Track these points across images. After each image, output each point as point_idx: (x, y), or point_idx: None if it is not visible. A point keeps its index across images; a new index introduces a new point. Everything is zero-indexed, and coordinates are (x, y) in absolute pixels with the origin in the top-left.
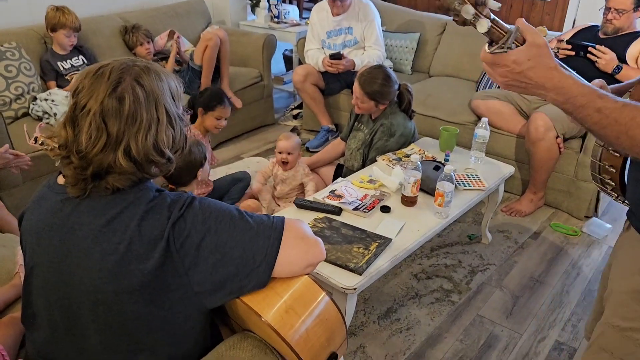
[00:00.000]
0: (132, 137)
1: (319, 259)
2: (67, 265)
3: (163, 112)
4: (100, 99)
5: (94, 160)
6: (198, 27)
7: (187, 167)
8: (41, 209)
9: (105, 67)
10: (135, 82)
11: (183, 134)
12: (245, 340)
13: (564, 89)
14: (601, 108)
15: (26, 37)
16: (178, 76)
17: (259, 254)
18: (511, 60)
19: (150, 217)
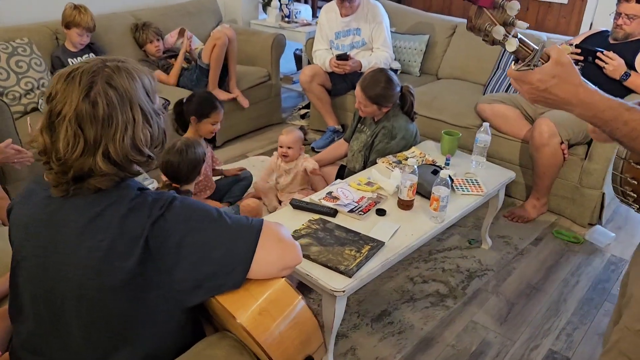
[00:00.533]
0: (109, 140)
1: (296, 262)
2: (53, 260)
3: (138, 111)
4: (74, 104)
5: (74, 165)
6: (208, 25)
7: (192, 166)
8: (29, 204)
9: (76, 71)
10: (107, 84)
11: (161, 129)
12: (223, 340)
13: (591, 104)
14: (628, 121)
15: (38, 33)
16: (186, 74)
17: (237, 255)
18: (536, 78)
19: (131, 215)
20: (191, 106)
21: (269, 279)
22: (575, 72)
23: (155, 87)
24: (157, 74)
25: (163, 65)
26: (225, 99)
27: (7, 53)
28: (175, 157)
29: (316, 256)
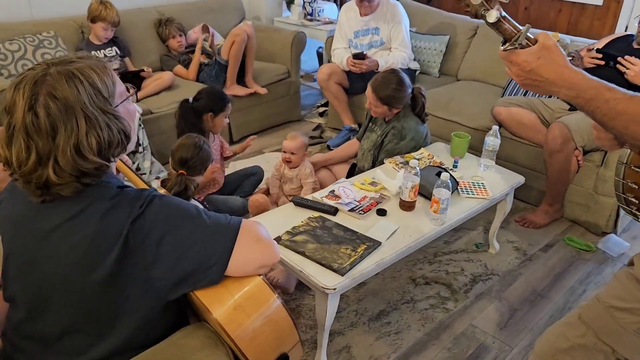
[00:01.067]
0: (58, 151)
1: (272, 261)
2: (39, 255)
3: (81, 118)
4: (20, 116)
5: (32, 177)
6: (231, 22)
7: (203, 160)
8: (15, 200)
9: (23, 80)
10: (48, 95)
11: (115, 128)
12: (200, 330)
13: (575, 83)
14: (609, 99)
15: (64, 27)
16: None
17: (215, 253)
18: (522, 59)
19: (111, 213)
20: (204, 103)
21: (246, 276)
22: (561, 54)
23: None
24: (177, 69)
25: (184, 60)
26: (244, 94)
27: (33, 45)
28: (190, 150)
29: (311, 253)
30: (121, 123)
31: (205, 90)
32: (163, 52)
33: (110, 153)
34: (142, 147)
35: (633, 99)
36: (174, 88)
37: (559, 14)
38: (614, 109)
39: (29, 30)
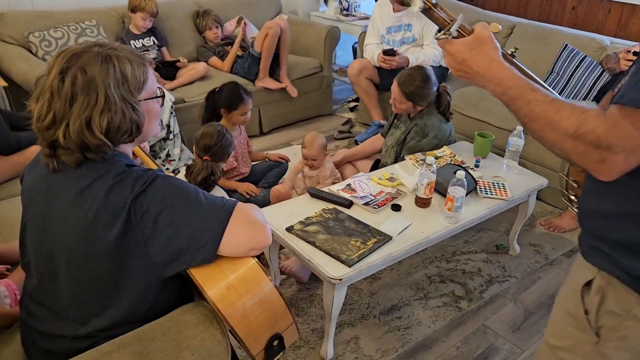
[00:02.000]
0: (71, 119)
1: (264, 244)
2: (49, 224)
3: (102, 97)
4: (51, 79)
5: (45, 135)
6: (268, 15)
7: (223, 147)
8: (34, 172)
9: (65, 51)
10: (79, 68)
11: (128, 119)
12: (197, 307)
13: (501, 79)
14: (531, 100)
15: (106, 16)
16: (239, 61)
17: (207, 232)
18: (454, 49)
19: (116, 189)
20: (220, 99)
21: (241, 258)
22: (494, 47)
23: (142, 78)
24: (212, 60)
25: (219, 52)
26: (275, 87)
27: (76, 33)
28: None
29: (321, 244)
30: (136, 115)
31: (227, 86)
32: (199, 43)
33: (117, 137)
34: (173, 134)
35: (552, 103)
36: (208, 79)
37: (607, 15)
38: (533, 111)
39: (73, 19)
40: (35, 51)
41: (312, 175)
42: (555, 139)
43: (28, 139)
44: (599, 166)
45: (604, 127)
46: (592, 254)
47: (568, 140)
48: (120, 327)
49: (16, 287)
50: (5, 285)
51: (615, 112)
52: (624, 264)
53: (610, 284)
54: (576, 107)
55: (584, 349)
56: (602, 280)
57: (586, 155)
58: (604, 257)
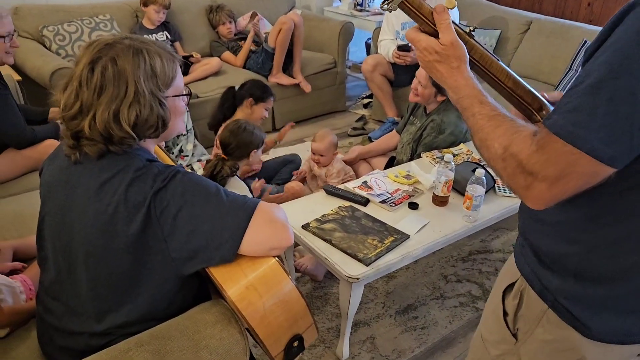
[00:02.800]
0: (98, 109)
1: (285, 244)
2: (68, 217)
3: (131, 89)
4: (80, 68)
5: (70, 125)
6: (281, 10)
7: (244, 145)
8: (53, 165)
9: (96, 41)
10: (109, 59)
11: (157, 113)
12: (215, 306)
13: (458, 88)
14: (476, 113)
15: (120, 11)
16: (253, 57)
17: (227, 230)
18: (422, 46)
19: (136, 184)
20: (247, 89)
21: (261, 257)
22: (457, 55)
23: (170, 73)
24: (225, 55)
25: (233, 47)
26: (288, 83)
27: (90, 27)
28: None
29: (338, 242)
30: (163, 110)
31: (252, 80)
32: (212, 38)
33: (143, 131)
34: (187, 129)
35: (492, 119)
36: (221, 74)
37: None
38: (477, 124)
39: (87, 13)
40: (49, 45)
41: (319, 173)
42: (489, 157)
43: (43, 133)
44: (525, 192)
45: (527, 151)
46: (519, 254)
47: (498, 160)
48: (137, 324)
49: (31, 283)
50: (21, 281)
51: (542, 135)
52: (538, 270)
53: (526, 288)
54: (513, 125)
55: (505, 348)
56: (521, 283)
57: (514, 178)
58: (525, 260)
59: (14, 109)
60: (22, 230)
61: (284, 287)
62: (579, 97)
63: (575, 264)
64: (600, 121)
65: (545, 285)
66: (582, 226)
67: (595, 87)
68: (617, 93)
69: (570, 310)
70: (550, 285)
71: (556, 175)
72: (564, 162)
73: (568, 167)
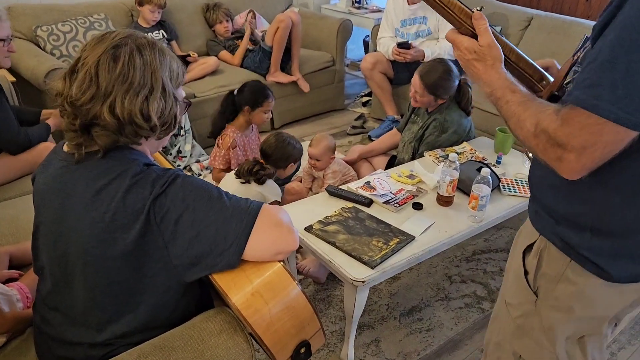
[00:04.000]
0: (119, 95)
1: (290, 248)
2: (64, 226)
3: (159, 83)
4: (98, 54)
5: (82, 110)
6: (278, 8)
7: (285, 158)
8: (46, 173)
9: (112, 32)
10: (135, 48)
11: (173, 112)
12: (220, 314)
13: (491, 81)
14: (509, 101)
15: (115, 9)
16: (250, 55)
17: (231, 235)
18: (464, 46)
19: (134, 190)
20: (244, 96)
21: (265, 262)
22: (495, 55)
23: (181, 77)
24: (222, 54)
25: (230, 45)
26: (286, 81)
27: (84, 27)
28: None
29: (342, 244)
30: (177, 109)
31: (249, 84)
32: (209, 37)
33: (160, 126)
34: (184, 130)
35: (523, 104)
36: (218, 73)
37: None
38: (509, 110)
39: (81, 12)
40: (44, 45)
41: (318, 176)
42: (524, 137)
43: (38, 136)
44: (558, 164)
45: (554, 125)
46: (535, 219)
47: (532, 138)
48: (138, 333)
49: (28, 291)
50: (17, 289)
51: (566, 110)
52: (557, 230)
53: (546, 247)
54: (540, 106)
55: (527, 308)
56: (540, 243)
57: (547, 152)
58: (543, 223)
59: (8, 114)
60: (18, 236)
61: (290, 293)
62: (596, 73)
63: (590, 222)
64: (620, 92)
65: (566, 241)
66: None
67: (611, 62)
68: (631, 65)
69: (592, 260)
70: (571, 241)
71: (582, 145)
72: (588, 132)
73: (593, 137)
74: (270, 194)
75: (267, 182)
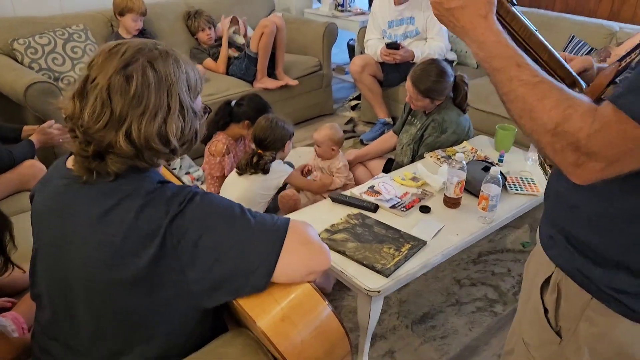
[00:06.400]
0: (135, 119)
1: (323, 267)
2: (66, 250)
3: (176, 100)
4: (109, 74)
5: (96, 137)
6: (261, 14)
7: (280, 138)
8: (46, 192)
9: (122, 44)
10: (148, 63)
11: (194, 128)
12: (238, 337)
13: (485, 44)
14: (513, 78)
15: (93, 20)
16: (235, 62)
17: (258, 256)
18: None
19: (147, 210)
20: (244, 110)
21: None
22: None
23: (200, 86)
24: (207, 62)
25: (214, 53)
26: (274, 87)
27: (63, 39)
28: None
29: (352, 253)
30: (198, 123)
31: (249, 98)
32: (192, 45)
33: (180, 146)
34: None
35: (537, 87)
36: (204, 82)
37: (600, 2)
38: (514, 91)
39: (59, 24)
40: (21, 59)
41: (323, 166)
42: (532, 129)
43: (21, 154)
44: (573, 169)
45: (588, 130)
46: (550, 245)
47: (545, 135)
48: None
49: (23, 320)
50: (12, 319)
51: (606, 114)
52: (577, 261)
53: (564, 281)
54: (564, 97)
55: (550, 350)
56: (557, 276)
57: (562, 154)
58: (559, 251)
59: None
60: None
61: (322, 314)
62: None
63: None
64: None
65: (586, 275)
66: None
67: None
68: None
69: (616, 298)
70: (593, 275)
71: (616, 157)
72: (631, 144)
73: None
74: (282, 175)
75: (272, 166)
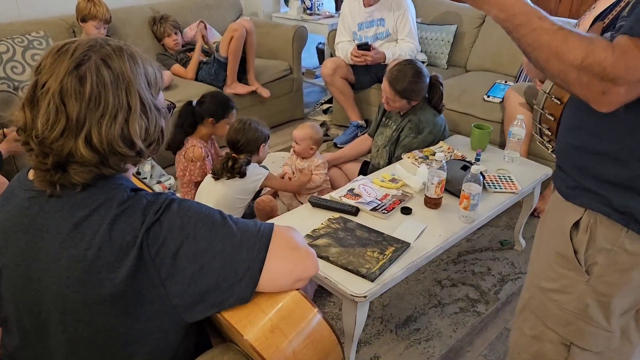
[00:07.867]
0: (94, 124)
1: (311, 273)
2: (34, 269)
3: (136, 98)
4: (60, 77)
5: (53, 148)
6: (228, 18)
7: (253, 141)
8: (9, 206)
9: (71, 44)
10: (101, 61)
11: (159, 126)
12: (226, 353)
13: (506, 5)
14: (536, 29)
15: (55, 27)
16: (205, 68)
17: (242, 265)
18: None
19: (122, 220)
20: (206, 107)
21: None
22: None
23: (160, 81)
24: (175, 68)
25: (182, 59)
26: (245, 92)
27: (22, 46)
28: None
29: (336, 258)
30: (162, 120)
31: (210, 95)
32: (159, 51)
33: (146, 148)
34: None
35: (558, 33)
36: (173, 88)
37: (559, 3)
38: (538, 40)
39: (18, 31)
40: None
41: (302, 166)
42: (560, 69)
43: None
44: (601, 97)
45: (611, 59)
46: (576, 194)
47: (573, 71)
48: None
49: None
50: None
51: (623, 43)
52: (611, 199)
53: (598, 221)
54: (583, 37)
55: (578, 288)
56: (589, 218)
57: (589, 86)
58: (590, 196)
59: None
60: None
61: (312, 322)
62: None
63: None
64: None
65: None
66: None
67: None
68: None
69: None
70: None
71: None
72: None
73: None
74: (259, 177)
75: (248, 169)
